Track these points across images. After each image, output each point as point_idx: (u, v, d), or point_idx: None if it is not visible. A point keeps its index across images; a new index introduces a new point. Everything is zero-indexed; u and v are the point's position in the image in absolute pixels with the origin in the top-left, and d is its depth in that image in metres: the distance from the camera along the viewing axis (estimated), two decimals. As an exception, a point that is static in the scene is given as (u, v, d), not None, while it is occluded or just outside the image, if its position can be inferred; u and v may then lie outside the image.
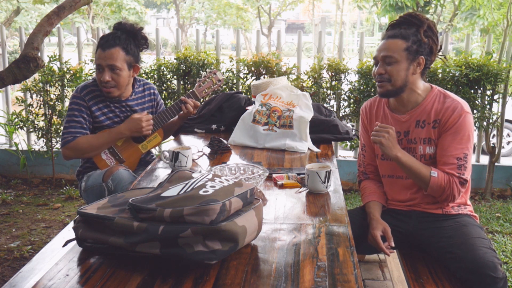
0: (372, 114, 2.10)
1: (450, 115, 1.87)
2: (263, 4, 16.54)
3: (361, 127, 2.17)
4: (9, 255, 2.93)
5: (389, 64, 1.89)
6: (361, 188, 2.16)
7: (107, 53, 2.31)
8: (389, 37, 1.91)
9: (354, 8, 16.07)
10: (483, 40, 6.77)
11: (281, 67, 3.92)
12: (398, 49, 1.87)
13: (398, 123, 1.98)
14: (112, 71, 2.33)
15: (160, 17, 29.91)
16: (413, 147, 1.96)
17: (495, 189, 4.15)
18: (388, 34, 1.92)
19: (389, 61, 1.88)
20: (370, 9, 12.51)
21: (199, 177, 1.34)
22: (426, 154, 1.94)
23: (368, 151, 2.14)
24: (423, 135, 1.93)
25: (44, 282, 1.17)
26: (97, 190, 2.29)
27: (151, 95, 2.60)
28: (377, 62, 1.93)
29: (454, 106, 1.88)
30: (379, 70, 1.91)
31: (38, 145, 4.30)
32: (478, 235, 1.83)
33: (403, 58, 1.87)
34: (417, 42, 1.88)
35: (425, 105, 1.93)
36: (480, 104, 3.84)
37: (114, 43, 2.32)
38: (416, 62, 1.89)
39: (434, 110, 1.91)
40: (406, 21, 1.92)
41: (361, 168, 2.18)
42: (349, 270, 1.21)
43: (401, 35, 1.88)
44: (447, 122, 1.87)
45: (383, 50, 1.90)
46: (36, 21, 12.15)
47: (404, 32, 1.89)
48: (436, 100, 1.92)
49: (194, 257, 1.18)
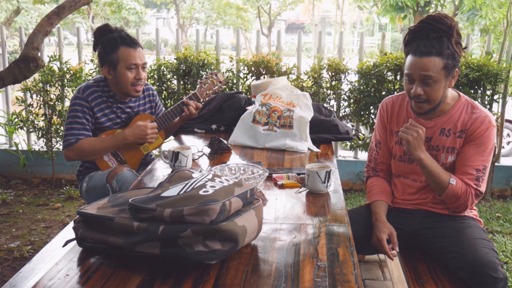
0: (393, 113, 2.04)
1: (478, 127, 1.85)
2: (263, 4, 16.53)
3: (379, 124, 2.10)
4: (9, 255, 2.93)
5: (428, 85, 1.79)
6: (369, 184, 2.11)
7: (138, 51, 2.37)
8: (423, 54, 1.77)
9: (354, 8, 16.07)
10: (483, 40, 6.77)
11: (281, 67, 3.92)
12: (436, 69, 1.77)
13: None
14: (143, 69, 2.40)
15: (160, 17, 29.91)
16: (435, 154, 1.93)
17: (495, 189, 4.15)
18: (421, 50, 1.78)
19: (428, 81, 1.78)
20: (370, 9, 12.51)
21: (199, 177, 1.34)
22: (447, 162, 1.92)
23: (383, 149, 2.09)
24: (447, 144, 1.91)
25: (44, 282, 1.17)
26: (100, 190, 2.29)
27: (150, 96, 2.60)
28: (412, 80, 1.82)
29: (482, 118, 1.85)
30: (417, 91, 1.81)
31: (38, 145, 4.30)
32: (481, 236, 1.83)
33: (442, 76, 1.79)
34: (451, 56, 1.79)
35: (452, 113, 1.90)
36: (480, 104, 3.84)
37: (138, 42, 2.38)
38: (451, 76, 1.83)
39: (461, 120, 1.88)
40: (432, 28, 1.79)
41: (371, 164, 2.13)
42: (349, 270, 1.21)
43: (435, 52, 1.76)
44: (473, 133, 1.85)
45: (422, 70, 1.77)
46: (36, 21, 12.15)
47: (437, 47, 1.76)
48: (464, 110, 1.89)
49: (194, 257, 1.18)
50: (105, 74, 2.39)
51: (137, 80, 2.37)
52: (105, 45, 2.36)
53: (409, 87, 1.85)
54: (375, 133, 2.14)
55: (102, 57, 2.38)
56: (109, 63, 2.35)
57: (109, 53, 2.34)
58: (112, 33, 2.37)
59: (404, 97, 2.03)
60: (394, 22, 10.51)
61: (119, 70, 2.33)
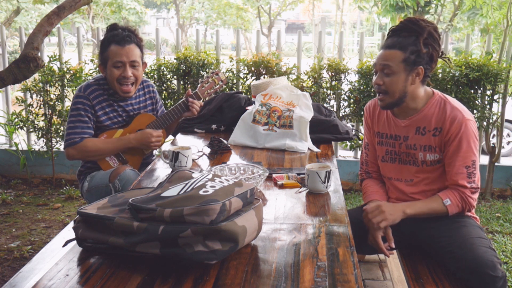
0: (375, 114, 2.08)
1: (451, 125, 1.85)
2: (263, 4, 16.53)
3: (365, 126, 2.15)
4: (9, 255, 2.93)
5: (387, 75, 1.86)
6: (363, 186, 2.15)
7: (127, 49, 2.32)
8: (387, 47, 1.87)
9: (354, 9, 16.07)
10: (483, 40, 6.77)
11: (281, 67, 3.92)
12: (395, 60, 1.83)
13: (398, 128, 1.98)
14: (133, 67, 2.35)
15: (160, 17, 29.90)
16: (413, 152, 1.95)
17: (495, 189, 4.15)
18: (387, 43, 1.88)
19: (386, 72, 1.86)
20: (371, 9, 12.51)
21: (199, 177, 1.34)
22: (427, 160, 1.93)
23: (371, 150, 2.13)
24: (423, 142, 1.92)
25: (44, 282, 1.17)
26: (102, 190, 2.29)
27: (151, 93, 2.61)
28: (375, 71, 1.91)
29: (454, 115, 1.86)
30: (377, 80, 1.89)
31: (38, 145, 4.30)
32: (478, 235, 1.83)
33: (401, 69, 1.84)
34: (416, 52, 1.83)
35: (425, 111, 1.91)
36: (480, 104, 3.84)
37: (130, 40, 2.34)
38: (414, 72, 1.85)
39: (434, 117, 1.90)
40: (406, 27, 1.86)
41: (363, 167, 2.17)
42: (349, 270, 1.21)
43: (399, 45, 1.84)
44: (448, 132, 1.86)
45: (382, 59, 1.86)
46: (36, 21, 12.15)
47: (402, 41, 1.84)
48: (437, 107, 1.90)
49: (194, 257, 1.18)
50: (101, 72, 2.43)
51: (122, 78, 2.35)
52: (100, 44, 2.40)
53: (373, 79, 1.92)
54: (364, 135, 2.18)
55: (99, 55, 2.42)
56: (102, 62, 2.39)
57: (102, 51, 2.38)
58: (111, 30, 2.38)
59: None
60: (395, 22, 10.51)
61: (108, 67, 2.36)
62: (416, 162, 1.96)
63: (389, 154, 2.03)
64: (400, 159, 2.00)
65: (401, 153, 1.99)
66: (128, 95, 2.41)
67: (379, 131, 2.06)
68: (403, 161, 2.00)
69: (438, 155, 1.91)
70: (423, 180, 1.97)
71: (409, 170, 1.99)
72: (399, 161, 2.01)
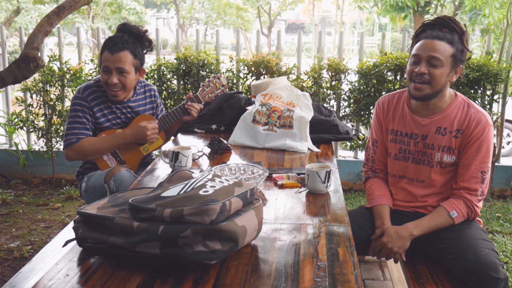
0: (389, 111, 2.04)
1: (475, 128, 1.85)
2: (263, 4, 16.53)
3: (375, 123, 2.10)
4: (9, 255, 2.93)
5: (434, 66, 1.81)
6: (369, 186, 2.09)
7: (116, 57, 2.31)
8: (435, 38, 1.81)
9: (354, 8, 16.07)
10: (483, 40, 6.77)
11: (281, 67, 3.92)
12: (446, 53, 1.80)
13: (417, 126, 1.95)
14: (120, 74, 2.33)
15: (160, 17, 29.90)
16: (430, 152, 1.93)
17: (495, 189, 4.15)
18: (433, 34, 1.82)
19: (435, 63, 1.80)
20: (371, 9, 12.52)
21: (199, 177, 1.34)
22: (443, 162, 1.92)
23: (380, 148, 2.09)
24: (443, 143, 1.90)
25: (44, 282, 1.17)
26: (99, 190, 2.29)
27: (152, 97, 2.60)
28: (418, 61, 1.84)
29: (478, 118, 1.86)
30: (422, 69, 1.81)
31: (38, 145, 4.30)
32: (481, 237, 1.83)
33: (448, 63, 1.81)
34: (461, 50, 1.83)
35: (448, 112, 1.90)
36: (480, 104, 3.83)
37: (123, 46, 2.32)
38: (455, 69, 1.85)
39: (457, 119, 1.88)
40: (446, 24, 1.84)
41: (369, 164, 2.12)
42: (349, 270, 1.21)
43: (447, 39, 1.80)
44: (471, 135, 1.85)
45: (431, 50, 1.80)
46: (36, 21, 12.15)
47: (450, 37, 1.81)
48: (460, 109, 1.90)
49: (194, 257, 1.18)
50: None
51: (109, 84, 2.34)
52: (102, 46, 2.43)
53: (413, 67, 1.85)
54: (371, 132, 2.14)
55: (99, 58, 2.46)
56: (99, 65, 2.42)
57: (100, 55, 2.41)
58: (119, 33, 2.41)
59: (401, 95, 2.03)
60: (395, 22, 10.52)
61: (101, 71, 2.39)
62: (431, 163, 1.93)
63: (403, 153, 1.99)
64: (413, 158, 1.97)
65: (416, 152, 1.96)
66: (116, 99, 2.40)
67: (393, 128, 2.02)
68: (417, 160, 1.97)
69: (455, 158, 1.90)
70: (434, 182, 1.95)
71: (422, 170, 1.96)
72: (412, 160, 1.98)
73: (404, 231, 1.85)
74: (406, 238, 1.85)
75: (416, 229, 1.85)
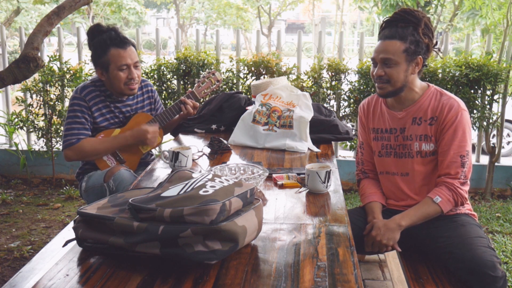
0: (369, 112, 2.11)
1: (447, 113, 1.88)
2: (263, 4, 16.52)
3: (360, 125, 2.18)
4: (9, 255, 2.93)
5: (388, 66, 1.87)
6: (361, 187, 2.16)
7: (129, 51, 2.34)
8: (386, 38, 1.88)
9: (355, 9, 16.07)
10: (483, 40, 6.76)
11: (281, 67, 3.92)
12: (396, 51, 1.85)
13: (395, 120, 2.00)
14: (135, 68, 2.38)
15: (160, 17, 29.89)
16: (409, 144, 1.98)
17: (495, 189, 4.15)
18: (385, 34, 1.89)
19: (388, 63, 1.87)
20: (371, 9, 12.50)
21: (199, 177, 1.34)
22: (422, 151, 1.95)
23: (366, 149, 2.15)
24: (419, 132, 1.94)
25: (44, 282, 1.17)
26: (98, 190, 2.29)
27: (149, 92, 2.60)
28: (376, 63, 1.92)
29: (450, 104, 1.89)
30: (378, 72, 1.90)
31: (38, 145, 4.30)
32: (476, 234, 1.83)
33: (402, 59, 1.86)
34: (415, 42, 1.86)
35: (421, 102, 1.95)
36: (480, 104, 3.84)
37: (128, 41, 2.35)
38: (414, 62, 1.89)
39: (430, 107, 1.93)
40: (401, 18, 1.88)
41: (359, 166, 2.19)
42: (349, 270, 1.21)
43: (398, 36, 1.85)
44: (444, 120, 1.89)
45: (382, 52, 1.87)
46: (36, 21, 12.14)
47: (401, 32, 1.85)
48: (433, 98, 1.94)
49: (194, 257, 1.18)
50: (99, 76, 2.39)
51: (129, 80, 2.36)
52: (96, 48, 2.36)
53: (372, 70, 1.93)
54: (358, 135, 2.20)
55: (94, 60, 2.38)
56: (101, 66, 2.35)
57: (100, 55, 2.34)
58: (103, 33, 2.35)
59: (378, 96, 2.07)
60: (394, 22, 10.48)
61: (111, 71, 2.33)
62: (411, 154, 1.97)
63: (385, 148, 2.05)
64: (395, 153, 2.02)
65: (397, 146, 2.01)
66: (133, 93, 2.42)
67: (374, 127, 2.08)
68: (398, 154, 2.01)
69: (434, 145, 1.93)
70: (418, 174, 1.98)
71: (404, 163, 2.00)
72: (394, 154, 2.03)
73: (392, 222, 1.89)
74: (394, 229, 1.87)
75: (403, 220, 1.88)
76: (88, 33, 2.40)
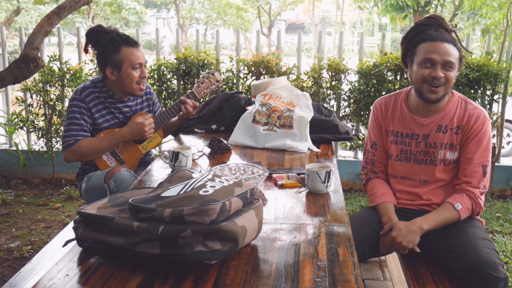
0: (387, 113, 2.05)
1: (474, 123, 1.88)
2: (263, 4, 16.53)
3: (373, 125, 2.10)
4: (9, 255, 2.93)
5: (448, 70, 1.84)
6: (371, 186, 2.09)
7: (140, 51, 2.39)
8: (445, 41, 1.84)
9: (355, 9, 16.08)
10: (483, 40, 6.77)
11: (281, 67, 3.92)
12: (456, 56, 1.85)
13: (418, 126, 1.96)
14: (145, 67, 2.42)
15: (160, 17, 29.91)
16: (432, 151, 1.95)
17: (495, 189, 4.14)
18: (439, 37, 1.85)
19: (450, 66, 1.84)
20: (371, 9, 12.51)
21: (199, 177, 1.34)
22: (446, 159, 1.94)
23: (379, 150, 2.09)
24: (445, 140, 1.93)
25: (44, 282, 1.17)
26: (98, 191, 2.29)
27: (147, 94, 2.60)
28: (433, 64, 1.84)
29: (477, 113, 1.90)
30: (440, 73, 1.83)
31: (38, 145, 4.30)
32: (482, 236, 1.83)
33: (457, 65, 1.87)
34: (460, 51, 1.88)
35: (447, 110, 1.93)
36: (480, 104, 3.84)
37: (137, 41, 2.40)
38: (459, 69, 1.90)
39: (456, 116, 1.92)
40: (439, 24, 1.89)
41: (369, 166, 2.12)
42: (349, 270, 1.21)
43: (453, 42, 1.85)
44: (470, 130, 1.89)
45: (445, 54, 1.82)
46: (36, 21, 12.14)
47: (450, 38, 1.86)
48: (458, 106, 1.93)
49: (194, 257, 1.18)
50: (109, 75, 2.35)
51: (141, 79, 2.39)
52: (106, 46, 2.33)
53: (427, 71, 1.85)
54: (369, 134, 2.13)
55: (104, 59, 2.34)
56: (112, 64, 2.33)
57: (112, 54, 2.32)
58: (107, 34, 2.35)
59: (397, 97, 2.05)
60: (395, 22, 10.52)
61: (124, 70, 2.32)
62: (434, 161, 1.95)
63: (404, 153, 2.01)
64: (415, 159, 1.99)
65: (418, 152, 1.98)
66: (141, 94, 2.45)
67: (393, 130, 2.03)
68: (419, 160, 1.98)
69: (457, 154, 1.93)
70: (437, 181, 1.96)
71: (425, 169, 1.97)
72: (414, 160, 1.99)
73: (414, 225, 1.86)
74: (416, 232, 1.85)
75: (426, 223, 1.86)
76: (92, 34, 2.38)
